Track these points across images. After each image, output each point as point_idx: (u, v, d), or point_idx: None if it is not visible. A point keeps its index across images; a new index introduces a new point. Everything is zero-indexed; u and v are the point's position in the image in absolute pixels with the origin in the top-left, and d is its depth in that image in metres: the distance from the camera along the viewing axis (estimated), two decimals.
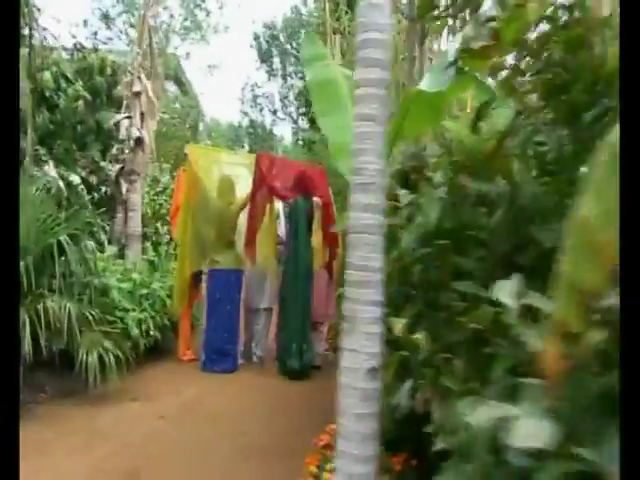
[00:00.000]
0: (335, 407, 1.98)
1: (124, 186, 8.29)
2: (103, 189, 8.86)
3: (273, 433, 3.92)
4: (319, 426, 4.08)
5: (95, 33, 14.39)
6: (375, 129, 1.99)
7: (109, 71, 10.07)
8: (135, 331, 4.95)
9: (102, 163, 9.00)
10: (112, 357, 4.22)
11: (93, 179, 8.86)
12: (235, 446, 3.61)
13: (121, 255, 6.94)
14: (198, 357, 5.83)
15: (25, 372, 3.98)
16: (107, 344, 4.28)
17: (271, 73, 17.52)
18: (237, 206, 5.61)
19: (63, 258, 4.43)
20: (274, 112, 18.41)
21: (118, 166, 8.35)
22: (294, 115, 17.36)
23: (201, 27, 16.58)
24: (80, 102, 9.25)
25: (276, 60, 17.20)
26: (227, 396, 4.76)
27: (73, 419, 3.90)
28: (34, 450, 3.30)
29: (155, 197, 9.17)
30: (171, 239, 7.64)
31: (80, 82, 9.53)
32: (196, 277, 5.92)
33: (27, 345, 3.84)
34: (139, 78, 6.73)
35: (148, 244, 7.62)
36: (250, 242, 5.59)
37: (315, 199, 5.77)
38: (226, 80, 30.97)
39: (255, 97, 18.32)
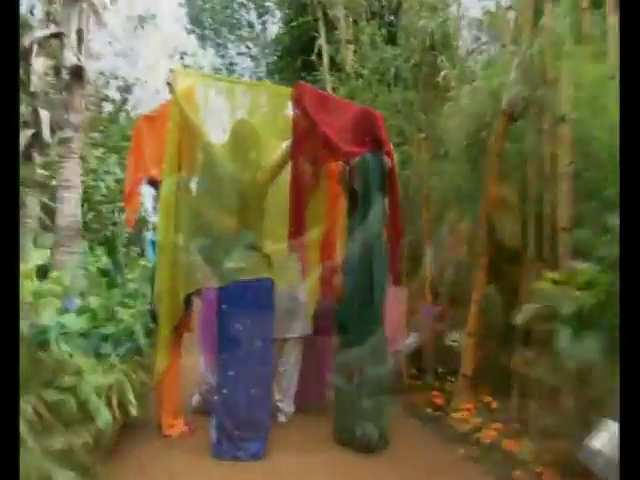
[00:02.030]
0: None
1: (37, 159, 5.58)
2: None
3: None
4: None
5: None
6: None
7: None
8: (105, 416, 2.51)
9: None
10: None
11: None
12: None
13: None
14: (191, 428, 3.51)
15: None
16: (66, 473, 1.86)
17: (203, 40, 14.77)
18: (267, 172, 3.29)
19: None
20: None
21: (29, 132, 5.57)
22: None
23: None
24: None
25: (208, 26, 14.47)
26: None
27: None
28: None
29: (84, 176, 6.32)
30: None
31: None
32: (188, 299, 3.53)
33: None
34: None
35: (86, 243, 4.96)
36: (298, 230, 3.29)
37: (385, 159, 3.57)
38: (160, 35, 25.89)
39: (184, 67, 15.54)
